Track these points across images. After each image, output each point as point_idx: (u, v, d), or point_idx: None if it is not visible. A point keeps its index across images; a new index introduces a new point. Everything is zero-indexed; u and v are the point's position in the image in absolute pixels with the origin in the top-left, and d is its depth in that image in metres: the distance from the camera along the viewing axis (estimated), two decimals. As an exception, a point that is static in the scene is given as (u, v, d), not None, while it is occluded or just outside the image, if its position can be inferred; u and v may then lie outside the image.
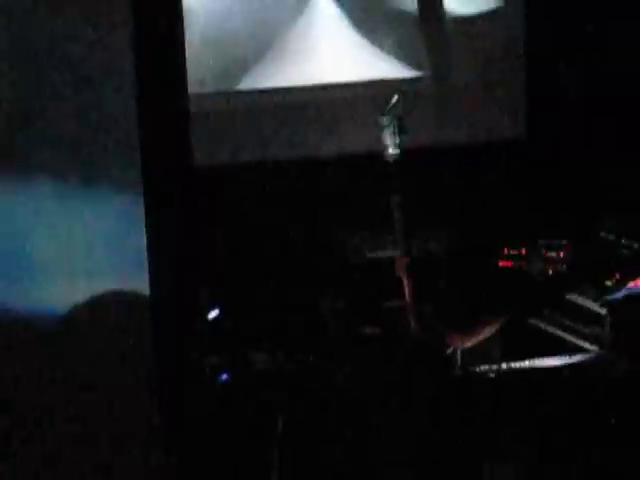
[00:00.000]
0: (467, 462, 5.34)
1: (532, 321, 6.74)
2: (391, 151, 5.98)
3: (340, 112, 7.50)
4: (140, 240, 5.21)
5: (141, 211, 5.19)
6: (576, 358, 6.22)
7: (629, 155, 7.35)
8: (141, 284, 5.21)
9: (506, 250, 6.92)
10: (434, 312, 5.89)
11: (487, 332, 5.81)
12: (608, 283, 6.63)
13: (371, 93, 7.46)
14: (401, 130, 6.00)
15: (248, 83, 7.70)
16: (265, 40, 7.71)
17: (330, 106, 7.52)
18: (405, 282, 5.94)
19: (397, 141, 5.99)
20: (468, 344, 5.75)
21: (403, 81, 7.79)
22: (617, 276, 6.64)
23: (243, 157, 7.58)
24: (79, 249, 5.16)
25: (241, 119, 7.59)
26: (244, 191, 7.33)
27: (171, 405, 5.49)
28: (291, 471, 5.51)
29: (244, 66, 7.68)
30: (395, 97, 6.04)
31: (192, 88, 6.15)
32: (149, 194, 5.24)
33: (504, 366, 6.00)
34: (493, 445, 5.52)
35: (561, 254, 6.81)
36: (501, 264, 6.95)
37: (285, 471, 5.51)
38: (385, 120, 5.99)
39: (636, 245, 6.73)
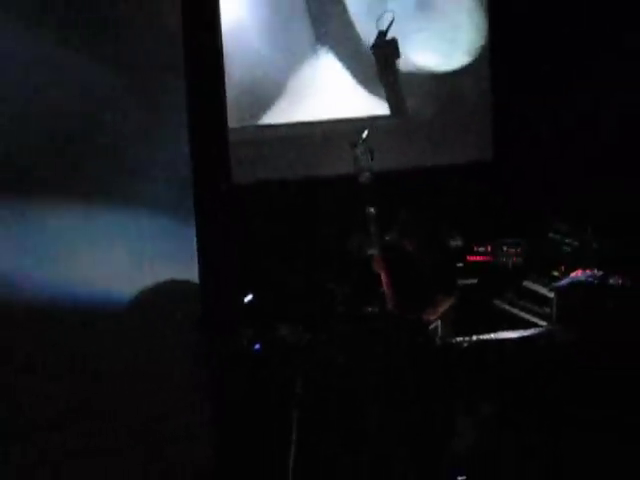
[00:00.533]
0: (444, 413, 6.18)
1: (496, 302, 7.67)
2: (366, 174, 6.63)
3: (338, 141, 7.93)
4: (191, 240, 6.09)
5: (192, 218, 6.06)
6: (530, 331, 7.05)
7: (573, 173, 8.00)
8: (192, 275, 6.11)
9: (475, 247, 7.99)
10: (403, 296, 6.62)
11: (443, 308, 6.61)
12: (555, 273, 7.57)
13: (362, 126, 7.87)
14: (372, 157, 6.68)
15: (266, 119, 8.34)
16: (280, 85, 8.33)
17: (329, 136, 8.13)
18: (382, 275, 6.65)
19: (369, 165, 6.66)
20: (433, 317, 6.55)
21: (389, 117, 8.55)
22: (562, 268, 7.55)
23: (264, 176, 8.11)
24: (146, 247, 5.98)
25: (259, 148, 8.15)
26: (268, 202, 7.87)
27: (215, 368, 6.33)
28: (308, 419, 6.22)
29: (264, 105, 8.30)
30: (366, 132, 6.74)
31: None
32: (198, 205, 6.12)
33: (474, 338, 6.69)
34: (466, 399, 6.31)
35: (519, 250, 7.90)
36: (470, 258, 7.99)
37: (303, 418, 6.23)
38: (359, 150, 6.70)
39: (576, 244, 7.64)
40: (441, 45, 8.59)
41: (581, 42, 8.14)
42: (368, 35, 8.36)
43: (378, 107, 8.55)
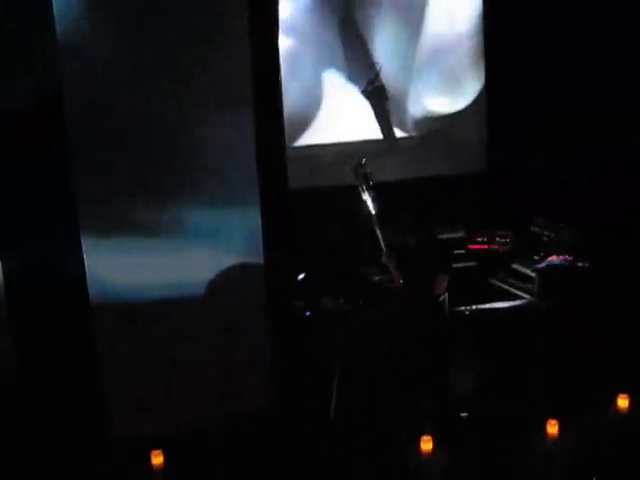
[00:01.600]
0: (449, 366, 7.08)
1: (491, 280, 8.45)
2: (366, 194, 7.26)
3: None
4: (258, 231, 6.84)
5: (258, 216, 6.81)
6: (517, 302, 8.05)
7: (550, 181, 8.68)
8: (258, 259, 6.90)
9: (474, 237, 8.81)
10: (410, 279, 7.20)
11: (444, 283, 7.12)
12: (536, 257, 8.39)
13: (372, 148, 8.90)
14: (371, 178, 7.30)
15: (301, 141, 9.14)
16: (314, 115, 9.12)
17: (348, 155, 8.65)
18: (391, 265, 7.20)
19: (368, 184, 7.30)
20: (441, 291, 7.14)
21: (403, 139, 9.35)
22: (541, 253, 8.38)
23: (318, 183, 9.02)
24: (222, 236, 6.72)
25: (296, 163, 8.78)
26: (320, 204, 8.55)
27: (278, 330, 7.13)
28: (347, 369, 7.06)
29: (300, 130, 9.09)
30: (364, 159, 7.44)
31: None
32: (264, 205, 6.83)
33: (474, 307, 7.69)
34: (468, 354, 7.31)
35: (508, 240, 8.78)
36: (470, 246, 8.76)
37: (344, 368, 7.07)
38: (359, 174, 7.36)
39: (552, 235, 8.42)
40: (447, 94, 9.33)
41: (555, 83, 8.87)
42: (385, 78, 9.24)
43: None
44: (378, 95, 9.25)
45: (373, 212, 7.28)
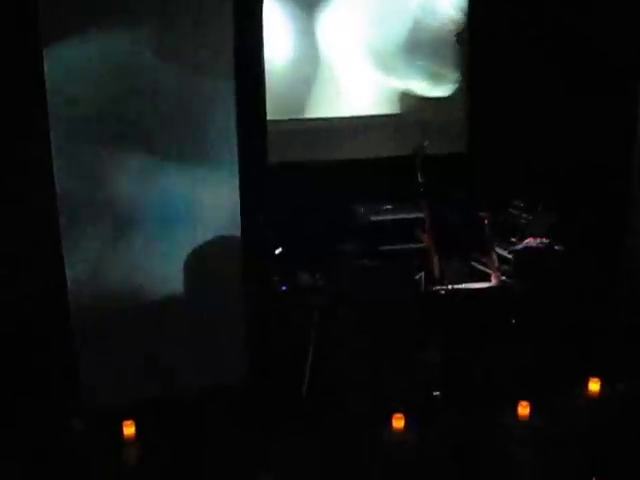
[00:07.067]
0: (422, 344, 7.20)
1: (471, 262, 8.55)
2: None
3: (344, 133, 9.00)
4: (236, 205, 6.68)
5: (237, 187, 6.64)
6: (493, 283, 8.10)
7: (529, 164, 8.70)
8: (236, 233, 6.73)
9: None
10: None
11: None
12: (513, 240, 8.43)
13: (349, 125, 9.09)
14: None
15: (281, 115, 9.01)
16: (311, 84, 9.12)
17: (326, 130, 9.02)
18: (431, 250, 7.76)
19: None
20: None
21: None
22: (518, 236, 8.41)
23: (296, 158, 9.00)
24: (200, 210, 6.57)
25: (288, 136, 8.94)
26: (298, 179, 8.41)
27: (254, 304, 7.10)
28: (321, 343, 7.02)
29: (299, 103, 9.12)
30: (426, 142, 7.97)
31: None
32: (243, 178, 6.69)
33: (450, 287, 7.71)
34: (442, 333, 7.28)
35: (486, 221, 8.54)
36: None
37: (318, 342, 7.04)
38: (418, 155, 7.84)
39: (530, 217, 8.47)
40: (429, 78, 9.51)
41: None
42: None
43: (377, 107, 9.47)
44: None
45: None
